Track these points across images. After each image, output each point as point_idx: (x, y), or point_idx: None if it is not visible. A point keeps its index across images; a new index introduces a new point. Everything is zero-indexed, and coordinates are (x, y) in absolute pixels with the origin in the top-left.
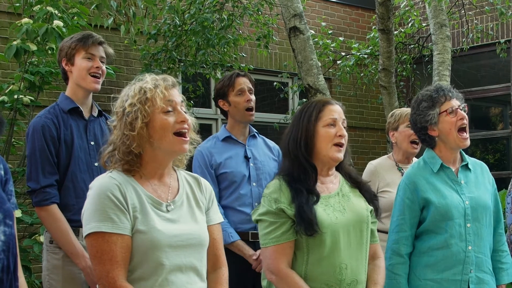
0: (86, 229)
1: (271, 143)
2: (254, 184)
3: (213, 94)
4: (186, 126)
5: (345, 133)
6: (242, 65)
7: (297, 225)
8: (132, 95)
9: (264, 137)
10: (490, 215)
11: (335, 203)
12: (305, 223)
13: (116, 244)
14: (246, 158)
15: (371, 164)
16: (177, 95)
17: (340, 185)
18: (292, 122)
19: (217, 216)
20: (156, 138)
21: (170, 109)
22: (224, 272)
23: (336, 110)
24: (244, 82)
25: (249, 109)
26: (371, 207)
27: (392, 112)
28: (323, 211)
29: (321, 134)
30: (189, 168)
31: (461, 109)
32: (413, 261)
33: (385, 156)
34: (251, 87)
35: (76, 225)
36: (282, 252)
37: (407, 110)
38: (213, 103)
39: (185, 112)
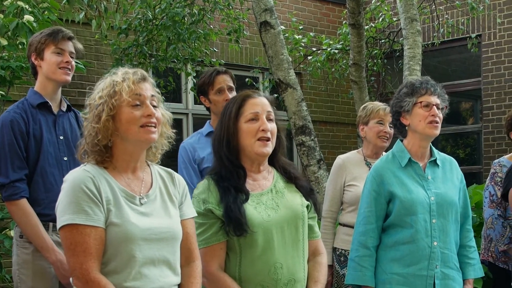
0: (60, 221)
1: None
2: None
3: (191, 88)
4: (153, 120)
5: (270, 126)
6: (213, 59)
7: (226, 226)
8: (103, 88)
9: None
10: (456, 211)
11: (268, 200)
12: (233, 223)
13: (90, 236)
14: None
15: (339, 158)
16: (147, 89)
17: (274, 181)
18: (219, 119)
19: (190, 210)
20: (122, 130)
21: (138, 103)
22: (198, 265)
23: (258, 103)
24: (223, 81)
25: None
26: (307, 202)
27: (364, 105)
28: (254, 210)
29: (243, 130)
30: (172, 166)
31: (438, 108)
32: (379, 255)
33: (355, 150)
34: (232, 85)
35: (46, 219)
36: (213, 254)
37: (379, 105)
38: (183, 97)
39: (155, 106)
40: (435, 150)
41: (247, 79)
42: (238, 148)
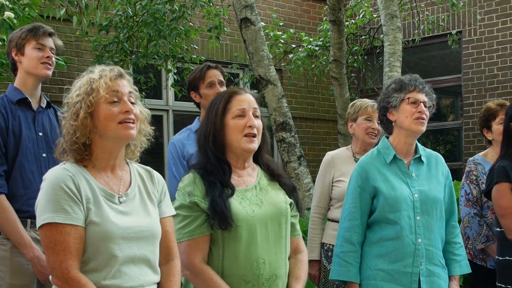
0: (39, 220)
1: None
2: None
3: (171, 85)
4: (131, 116)
5: (256, 123)
6: (193, 56)
7: (211, 219)
8: (80, 86)
9: None
10: (441, 208)
11: (252, 196)
12: (218, 216)
13: (70, 235)
14: None
15: (328, 155)
16: (124, 85)
17: (258, 178)
18: (204, 115)
19: (169, 208)
20: (101, 128)
21: (115, 99)
22: (177, 264)
23: (245, 100)
24: (214, 75)
25: None
26: (290, 200)
27: (353, 103)
28: (239, 204)
29: (230, 126)
30: (151, 163)
31: (425, 106)
32: (364, 251)
33: (344, 147)
34: (222, 79)
35: (24, 215)
36: (196, 247)
37: (367, 102)
38: (164, 94)
39: (133, 103)
40: (420, 147)
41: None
42: (224, 144)
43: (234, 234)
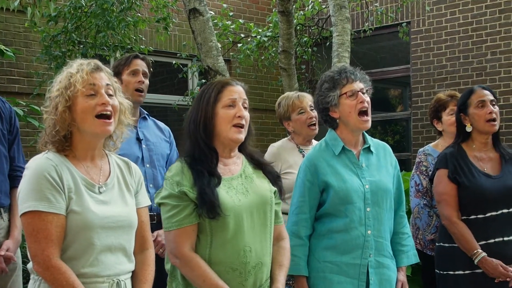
0: (22, 208)
1: (162, 124)
2: (147, 165)
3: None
4: (108, 108)
5: (245, 114)
6: (141, 46)
7: (199, 208)
8: (60, 80)
9: (154, 119)
10: (390, 198)
11: (238, 185)
12: (207, 206)
13: (52, 223)
14: (138, 139)
15: (273, 147)
16: (101, 78)
17: (243, 167)
18: (193, 103)
19: (145, 199)
20: (79, 121)
21: (92, 92)
22: (151, 253)
23: (236, 91)
24: (140, 64)
25: (139, 90)
26: (274, 188)
27: (278, 102)
28: (226, 194)
29: (220, 116)
30: None
31: (363, 93)
32: (312, 244)
33: (286, 138)
34: (147, 71)
35: None
36: (185, 235)
37: (291, 97)
38: None
39: (111, 95)
40: (368, 137)
41: (174, 62)
42: (213, 132)
43: (222, 223)
